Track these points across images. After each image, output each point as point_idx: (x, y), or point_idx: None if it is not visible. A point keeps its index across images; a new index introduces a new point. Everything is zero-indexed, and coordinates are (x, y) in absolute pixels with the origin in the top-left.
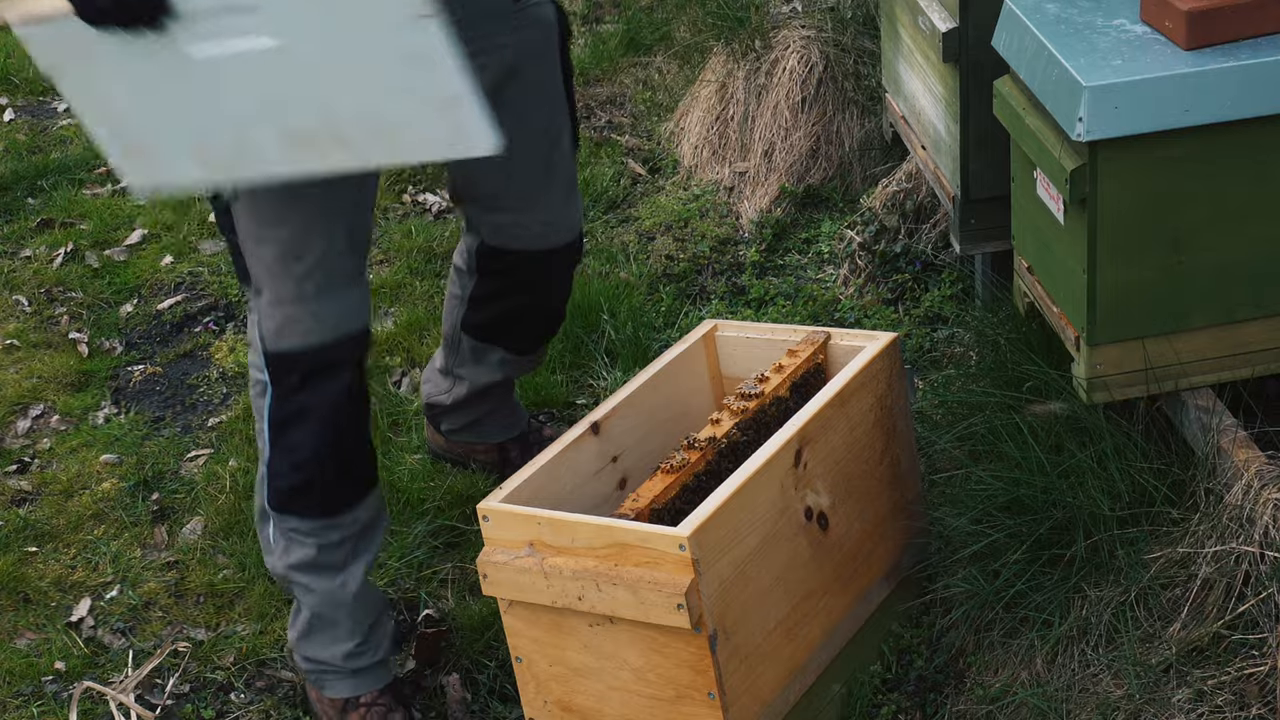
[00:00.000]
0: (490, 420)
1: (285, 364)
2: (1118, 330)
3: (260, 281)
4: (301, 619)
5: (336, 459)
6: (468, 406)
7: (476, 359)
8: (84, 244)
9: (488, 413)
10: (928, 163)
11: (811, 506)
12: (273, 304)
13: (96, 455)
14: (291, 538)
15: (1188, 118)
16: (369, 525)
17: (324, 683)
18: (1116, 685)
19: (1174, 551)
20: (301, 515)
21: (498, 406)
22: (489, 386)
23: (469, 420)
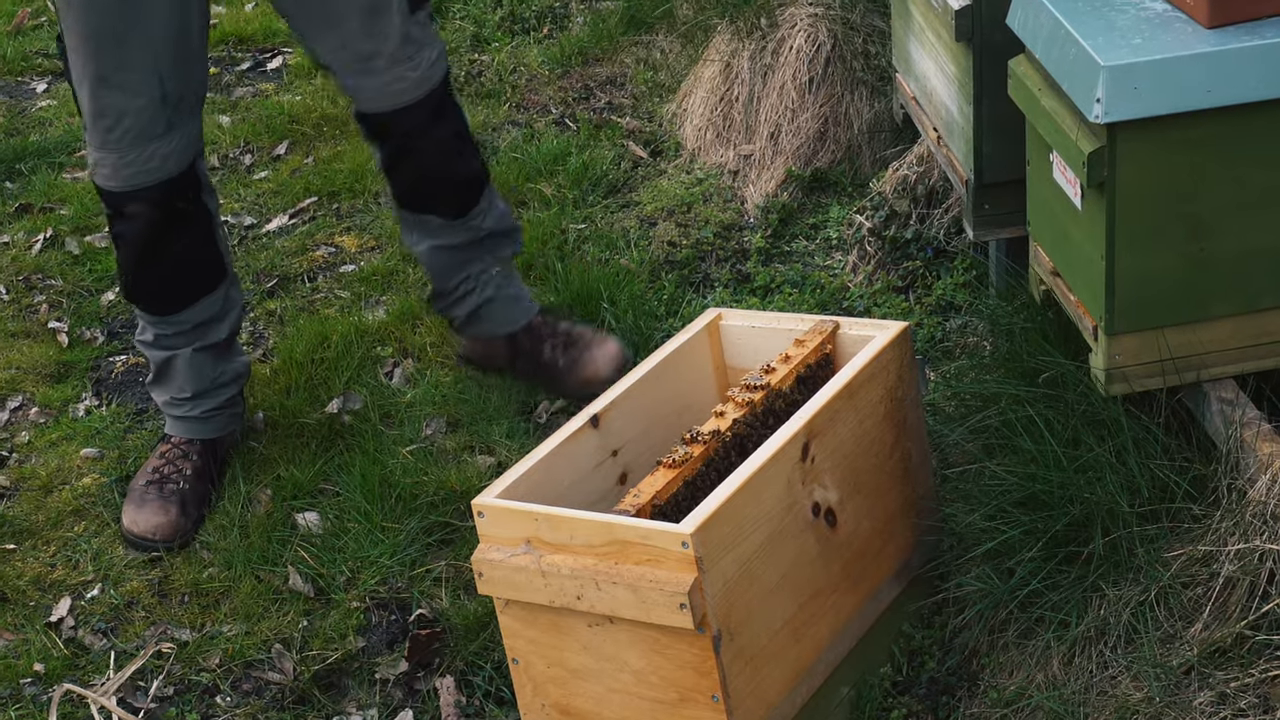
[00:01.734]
0: (490, 312)
1: (104, 197)
2: (1137, 319)
3: (84, 119)
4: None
5: (150, 280)
6: (463, 294)
7: (423, 229)
8: (64, 230)
9: (486, 303)
10: (940, 146)
11: (819, 502)
12: (89, 144)
13: (77, 449)
14: (141, 320)
15: (1210, 99)
16: (205, 323)
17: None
18: (1136, 688)
19: (1195, 549)
20: (139, 309)
21: (494, 295)
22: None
23: (471, 310)
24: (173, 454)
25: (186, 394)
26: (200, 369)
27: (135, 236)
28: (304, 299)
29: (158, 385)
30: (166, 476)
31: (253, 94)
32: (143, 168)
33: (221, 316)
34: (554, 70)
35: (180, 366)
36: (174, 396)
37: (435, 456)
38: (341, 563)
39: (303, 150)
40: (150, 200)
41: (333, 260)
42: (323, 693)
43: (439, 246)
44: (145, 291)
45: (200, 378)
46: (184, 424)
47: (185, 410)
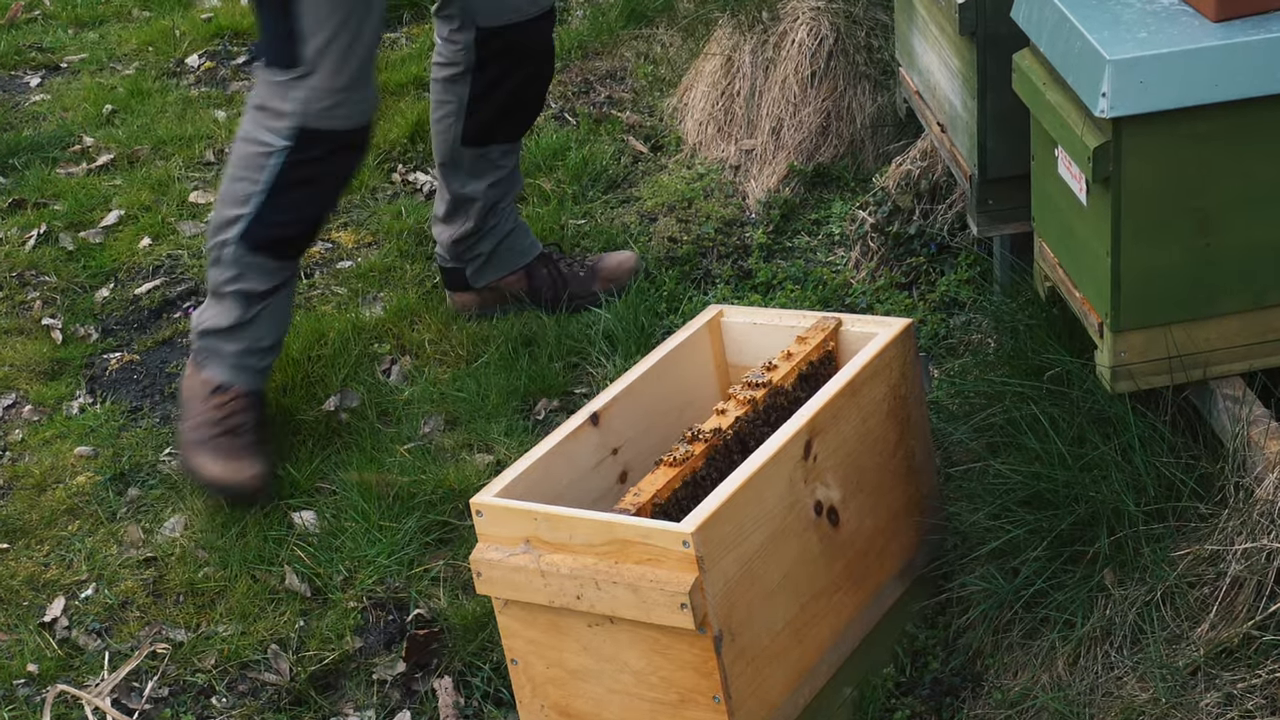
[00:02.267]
0: (507, 248)
1: (317, 138)
2: (1143, 316)
3: (314, 65)
4: (214, 319)
5: (318, 222)
6: (490, 228)
7: (476, 169)
8: (58, 225)
9: (505, 237)
10: (944, 140)
11: (821, 501)
12: (326, 87)
13: (71, 447)
14: (249, 269)
15: (1217, 93)
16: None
17: (207, 363)
18: (1142, 688)
19: (1202, 548)
20: (275, 257)
21: (513, 229)
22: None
23: (489, 250)
24: (236, 405)
25: (266, 343)
26: (284, 317)
27: (342, 174)
28: (300, 295)
29: (234, 336)
30: (237, 428)
31: (249, 88)
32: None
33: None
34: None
35: (268, 315)
36: (252, 346)
37: (433, 455)
38: (338, 562)
39: None
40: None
41: (329, 256)
42: (319, 694)
43: (493, 182)
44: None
45: (281, 326)
46: (250, 375)
47: (257, 361)
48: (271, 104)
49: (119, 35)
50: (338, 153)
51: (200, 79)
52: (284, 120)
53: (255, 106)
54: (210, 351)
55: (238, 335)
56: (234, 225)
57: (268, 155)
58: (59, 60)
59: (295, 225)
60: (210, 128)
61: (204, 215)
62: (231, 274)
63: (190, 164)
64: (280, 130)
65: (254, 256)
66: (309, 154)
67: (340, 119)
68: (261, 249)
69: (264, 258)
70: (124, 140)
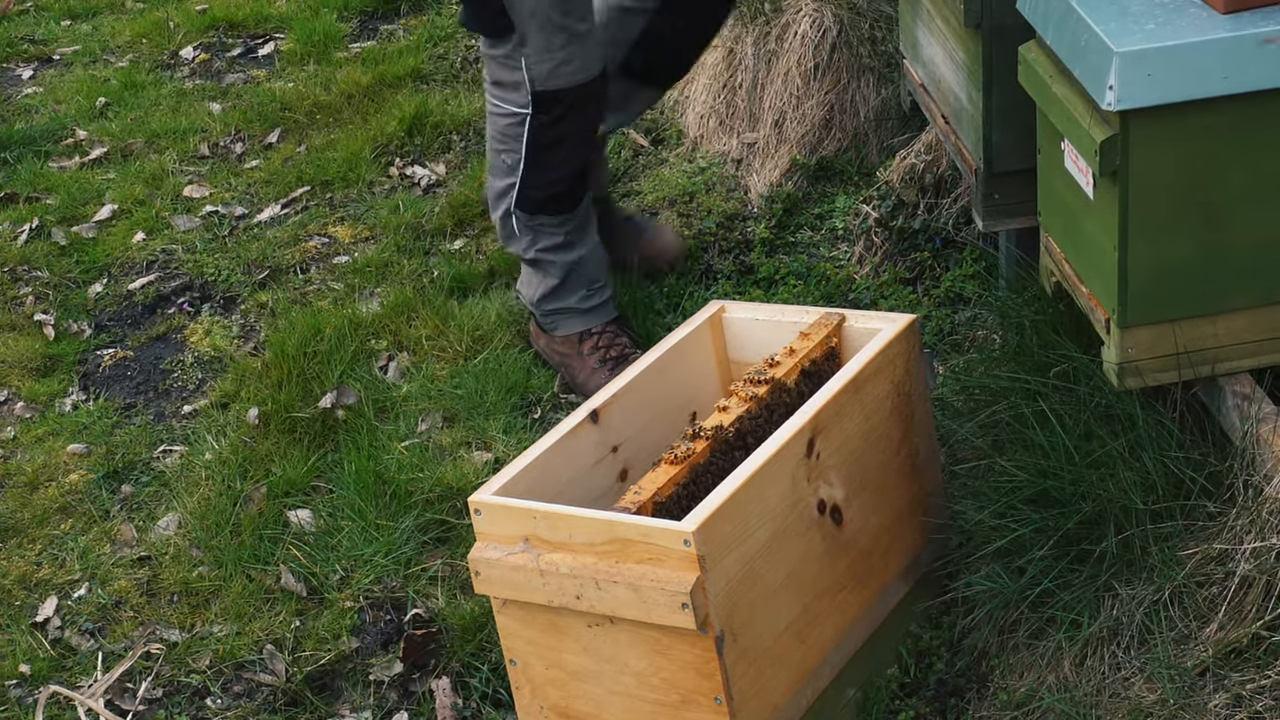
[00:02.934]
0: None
1: (553, 100)
2: (1150, 312)
3: (527, 33)
4: (542, 284)
5: (581, 170)
6: None
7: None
8: (50, 220)
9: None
10: (948, 134)
11: (825, 499)
12: (543, 51)
13: (63, 445)
14: (540, 230)
15: (1226, 85)
16: (587, 208)
17: (558, 325)
18: (1149, 689)
19: (1211, 547)
20: (552, 214)
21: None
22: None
23: None
24: (605, 338)
25: (600, 281)
26: (597, 254)
27: (589, 125)
28: (296, 291)
29: (561, 293)
30: (621, 355)
31: (244, 80)
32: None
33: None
34: None
35: (581, 263)
36: (588, 290)
37: (431, 452)
38: (335, 561)
39: (295, 138)
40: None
41: (326, 251)
42: (315, 695)
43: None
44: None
45: (600, 261)
46: (598, 312)
47: (599, 298)
48: (504, 77)
49: (112, 27)
50: (577, 107)
51: (195, 71)
52: (520, 90)
53: (492, 83)
54: (556, 315)
55: (562, 293)
56: (508, 195)
57: (519, 124)
58: (51, 52)
59: (560, 182)
60: (205, 121)
61: (198, 209)
62: (528, 240)
63: (184, 157)
64: (520, 100)
65: (535, 218)
66: (552, 115)
67: (567, 76)
68: (539, 210)
69: (544, 216)
70: (117, 133)
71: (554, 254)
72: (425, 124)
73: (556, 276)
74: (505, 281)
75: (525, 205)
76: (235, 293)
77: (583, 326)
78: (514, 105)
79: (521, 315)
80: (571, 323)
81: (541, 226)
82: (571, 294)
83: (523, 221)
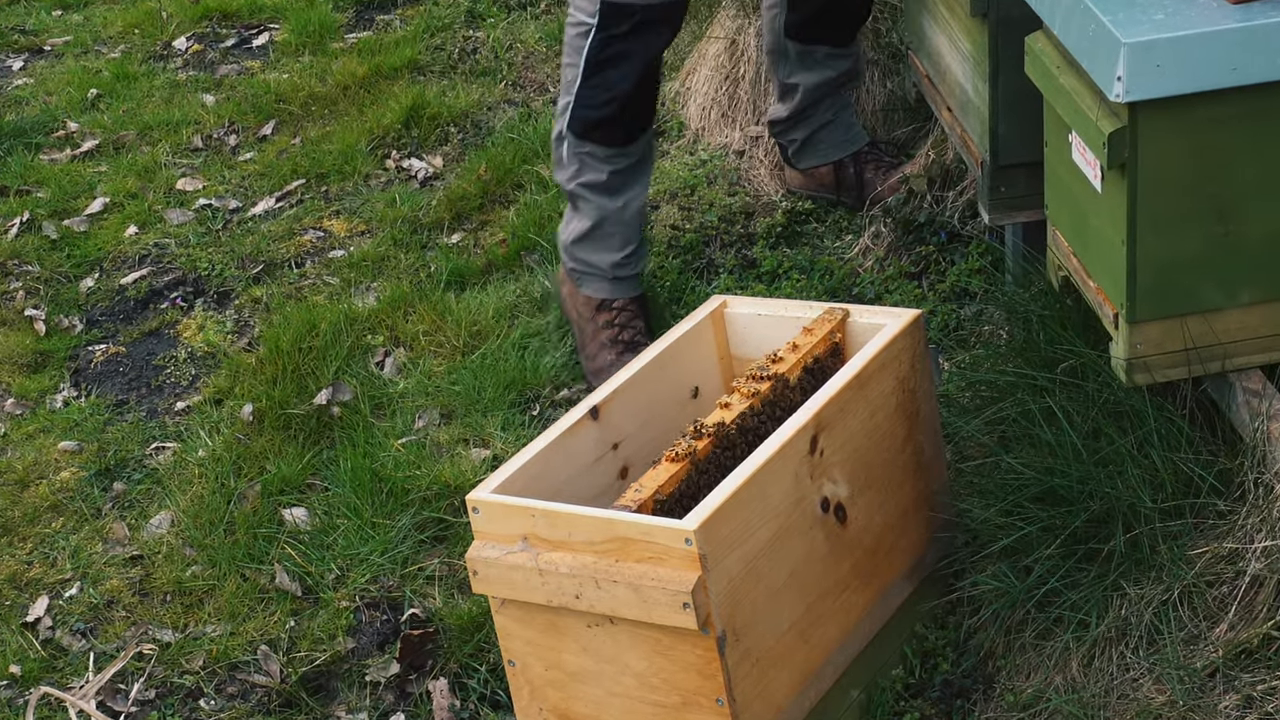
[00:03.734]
0: (827, 135)
1: (620, 13)
2: (1160, 307)
3: None
4: (576, 226)
5: (639, 99)
6: (805, 117)
7: (804, 62)
8: (41, 213)
9: (824, 125)
10: (954, 125)
11: (828, 497)
12: None
13: (54, 442)
14: (585, 161)
15: (1236, 76)
16: (645, 156)
17: (585, 282)
18: (1158, 690)
19: (1220, 546)
20: (600, 143)
21: (835, 118)
22: (820, 87)
23: (809, 134)
24: (623, 316)
25: (634, 245)
26: (641, 218)
27: (650, 50)
28: (291, 285)
29: (592, 243)
30: (631, 341)
31: (238, 72)
32: None
33: (652, 151)
34: (552, 47)
35: (629, 214)
36: (622, 256)
37: (428, 450)
38: (330, 560)
39: (290, 130)
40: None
41: (321, 245)
42: (311, 696)
43: (819, 82)
44: (623, 118)
45: (637, 229)
46: (625, 284)
47: (630, 269)
48: None
49: (104, 17)
50: (643, 27)
51: (188, 62)
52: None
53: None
54: (584, 269)
55: (600, 243)
56: (565, 114)
57: (584, 35)
58: (42, 43)
59: (609, 105)
60: (198, 112)
61: (192, 203)
62: (573, 170)
63: (177, 150)
64: (589, 9)
65: (583, 144)
66: (617, 29)
67: None
68: (587, 134)
69: (592, 144)
70: (109, 125)
71: (593, 193)
72: (422, 116)
73: (590, 218)
74: (503, 276)
75: (574, 126)
76: (229, 287)
77: (605, 295)
78: (584, 14)
79: (518, 309)
80: (596, 286)
81: (588, 157)
82: (603, 251)
83: (571, 147)
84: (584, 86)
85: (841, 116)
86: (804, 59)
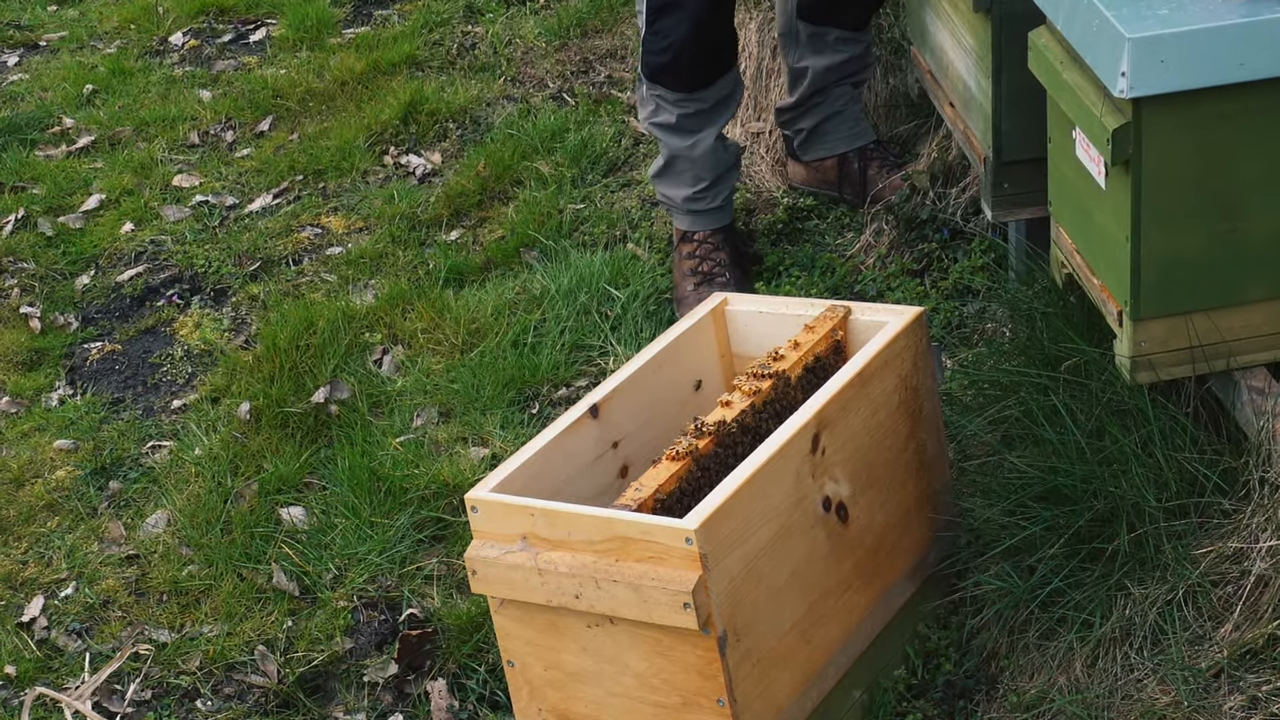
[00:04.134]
0: (834, 126)
1: None
2: (1164, 304)
3: None
4: (657, 160)
5: (697, 47)
6: (813, 104)
7: (814, 45)
8: (36, 210)
9: (832, 115)
10: (956, 122)
11: (830, 496)
12: None
13: (50, 440)
14: (658, 102)
15: (1242, 72)
16: (722, 100)
17: (672, 214)
18: (1163, 691)
19: (1225, 546)
20: (667, 86)
21: (844, 109)
22: (830, 72)
23: (816, 123)
24: (704, 249)
25: (706, 181)
26: (717, 153)
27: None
28: (288, 283)
29: (667, 178)
30: (711, 273)
31: (235, 67)
32: None
33: (733, 94)
34: (551, 42)
35: (700, 155)
36: (694, 191)
37: (427, 448)
38: (328, 560)
39: (287, 126)
40: None
41: (318, 242)
42: (308, 696)
43: (829, 65)
44: (683, 66)
45: (718, 161)
46: (705, 217)
47: (707, 203)
48: None
49: (100, 12)
50: None
51: (184, 58)
52: None
53: None
54: (665, 201)
55: (674, 179)
56: (639, 56)
57: None
58: (37, 38)
59: (667, 52)
60: (194, 108)
61: (188, 199)
62: (648, 110)
63: (174, 146)
64: None
65: (653, 88)
66: None
67: None
68: (654, 78)
69: (660, 88)
70: (105, 121)
71: (663, 133)
72: (420, 111)
73: (664, 155)
74: (502, 273)
75: (645, 69)
76: (226, 285)
77: (685, 227)
78: None
79: (518, 306)
80: (678, 218)
81: (659, 99)
82: (677, 186)
83: (644, 88)
84: (648, 32)
85: (850, 109)
86: (814, 42)
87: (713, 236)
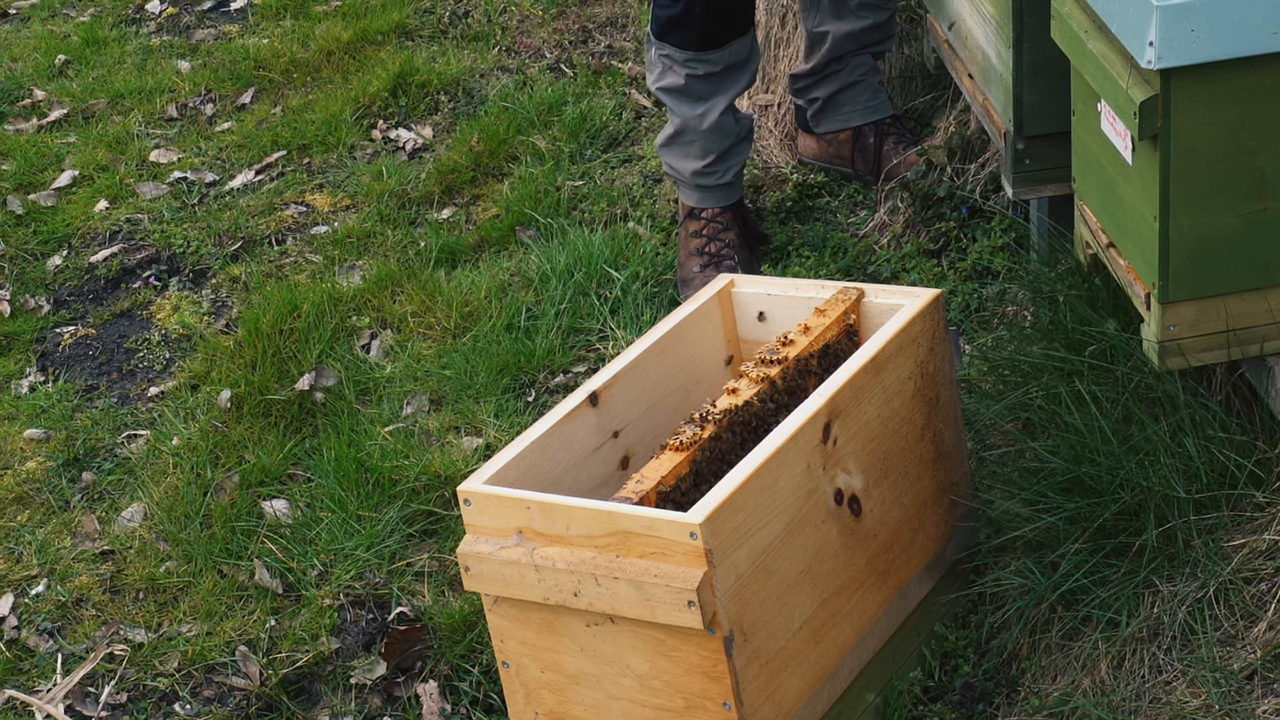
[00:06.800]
0: (850, 97)
1: None
2: (1194, 286)
3: None
4: (666, 129)
5: (706, 8)
6: (830, 73)
7: (835, 9)
8: (5, 187)
9: (849, 85)
10: (975, 94)
11: (842, 489)
12: None
13: (20, 430)
14: (666, 64)
15: (1275, 41)
16: (733, 66)
17: (679, 187)
18: (1192, 694)
19: (1259, 540)
20: (676, 45)
21: (861, 80)
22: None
23: (831, 92)
24: (712, 228)
25: (713, 155)
26: (727, 125)
27: None
28: (271, 264)
29: (675, 149)
30: (718, 254)
31: (215, 36)
32: None
33: (746, 62)
34: (548, 10)
35: (709, 126)
36: (704, 165)
37: (417, 438)
38: (313, 556)
39: (270, 99)
40: None
41: (303, 221)
42: (292, 699)
43: (850, 32)
44: (692, 21)
45: (725, 134)
46: (715, 193)
47: (716, 178)
48: None
49: None
50: None
51: (162, 26)
52: None
53: None
54: (672, 173)
55: (682, 150)
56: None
57: None
58: (7, 6)
59: (678, 4)
60: (172, 80)
61: (166, 176)
62: (657, 72)
63: (150, 119)
64: None
65: (662, 46)
66: None
67: None
68: (664, 34)
69: (668, 47)
70: (78, 94)
71: (671, 97)
72: (410, 83)
73: (673, 124)
74: (496, 253)
75: (654, 26)
76: (205, 266)
77: (693, 203)
78: None
79: (511, 287)
80: (685, 192)
81: (667, 60)
82: (685, 158)
83: (653, 47)
84: None
85: (868, 80)
86: (836, 5)
87: (721, 215)
